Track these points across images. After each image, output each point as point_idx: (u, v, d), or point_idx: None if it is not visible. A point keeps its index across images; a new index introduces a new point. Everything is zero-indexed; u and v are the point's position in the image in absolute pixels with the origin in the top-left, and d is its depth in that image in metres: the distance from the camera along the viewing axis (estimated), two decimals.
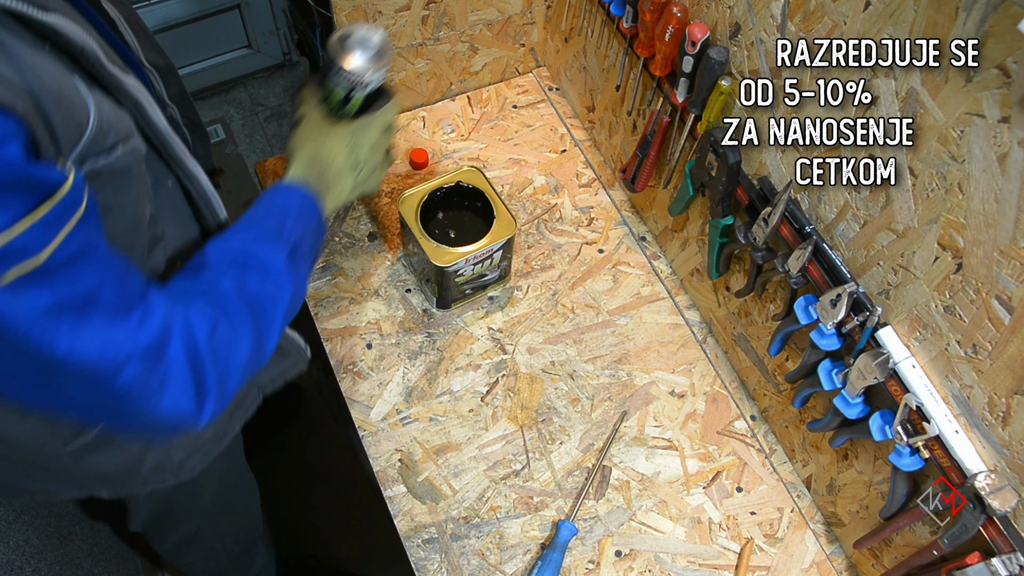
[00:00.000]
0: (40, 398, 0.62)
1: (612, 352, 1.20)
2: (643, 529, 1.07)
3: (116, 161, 0.63)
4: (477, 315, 1.21)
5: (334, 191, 0.95)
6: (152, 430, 0.68)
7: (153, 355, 0.63)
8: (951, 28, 0.65)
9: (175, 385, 0.65)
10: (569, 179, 1.35)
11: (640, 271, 1.27)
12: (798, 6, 0.81)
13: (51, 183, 0.53)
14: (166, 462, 0.96)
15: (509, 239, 1.13)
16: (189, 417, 0.68)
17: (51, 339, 0.56)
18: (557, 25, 1.37)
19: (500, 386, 1.16)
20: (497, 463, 1.10)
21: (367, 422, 1.12)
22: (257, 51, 1.97)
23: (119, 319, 0.61)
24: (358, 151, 0.96)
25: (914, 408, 0.81)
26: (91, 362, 0.59)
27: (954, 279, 0.74)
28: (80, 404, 0.63)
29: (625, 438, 1.13)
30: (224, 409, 0.73)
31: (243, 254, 0.78)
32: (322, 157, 0.94)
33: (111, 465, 0.90)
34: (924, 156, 0.73)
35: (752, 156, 0.97)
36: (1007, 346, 0.71)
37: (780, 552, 1.07)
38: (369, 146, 0.97)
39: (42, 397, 0.62)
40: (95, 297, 0.58)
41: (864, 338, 0.85)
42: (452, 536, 1.05)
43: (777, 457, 1.14)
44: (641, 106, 1.18)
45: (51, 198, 0.53)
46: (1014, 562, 0.76)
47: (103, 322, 0.59)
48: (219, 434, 1.02)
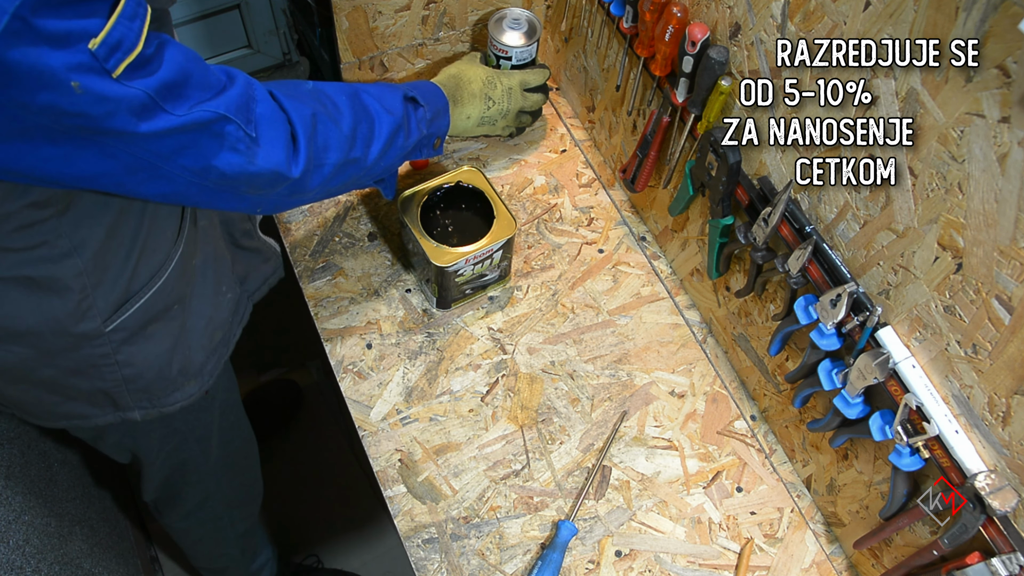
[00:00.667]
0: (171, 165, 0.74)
1: (612, 352, 1.20)
2: (643, 529, 1.07)
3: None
4: (477, 315, 1.21)
5: (460, 109, 1.12)
6: (257, 182, 0.81)
7: (244, 112, 0.76)
8: (951, 28, 0.65)
9: (268, 135, 0.79)
10: (569, 179, 1.35)
11: (640, 271, 1.27)
12: (798, 6, 0.81)
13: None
14: (189, 364, 1.03)
15: (509, 239, 1.13)
16: (283, 163, 0.81)
17: (161, 113, 0.69)
18: (557, 25, 1.37)
19: (500, 386, 1.16)
20: (497, 463, 1.10)
21: (367, 422, 1.12)
22: (257, 51, 1.96)
23: (208, 90, 0.73)
24: (493, 88, 1.16)
25: (914, 408, 0.81)
26: (196, 122, 0.72)
27: (954, 279, 0.74)
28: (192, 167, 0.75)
29: (625, 438, 1.13)
30: (325, 180, 0.88)
31: (356, 88, 0.96)
32: (462, 76, 1.14)
33: (144, 360, 0.97)
34: (924, 156, 0.73)
35: (752, 156, 0.97)
36: (1007, 346, 0.71)
37: (780, 552, 1.07)
38: (505, 89, 1.18)
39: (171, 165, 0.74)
40: (187, 77, 0.70)
41: (864, 338, 0.85)
42: (452, 536, 1.05)
43: (777, 457, 1.14)
44: (641, 106, 1.18)
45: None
46: (1014, 562, 0.76)
47: (198, 93, 0.72)
48: (225, 337, 1.09)
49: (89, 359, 0.92)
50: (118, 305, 0.89)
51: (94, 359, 0.92)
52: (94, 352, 0.91)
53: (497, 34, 1.23)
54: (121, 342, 0.92)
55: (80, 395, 0.97)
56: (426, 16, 1.27)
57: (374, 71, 1.31)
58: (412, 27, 1.28)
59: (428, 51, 1.33)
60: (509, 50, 1.23)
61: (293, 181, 0.83)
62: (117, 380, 0.96)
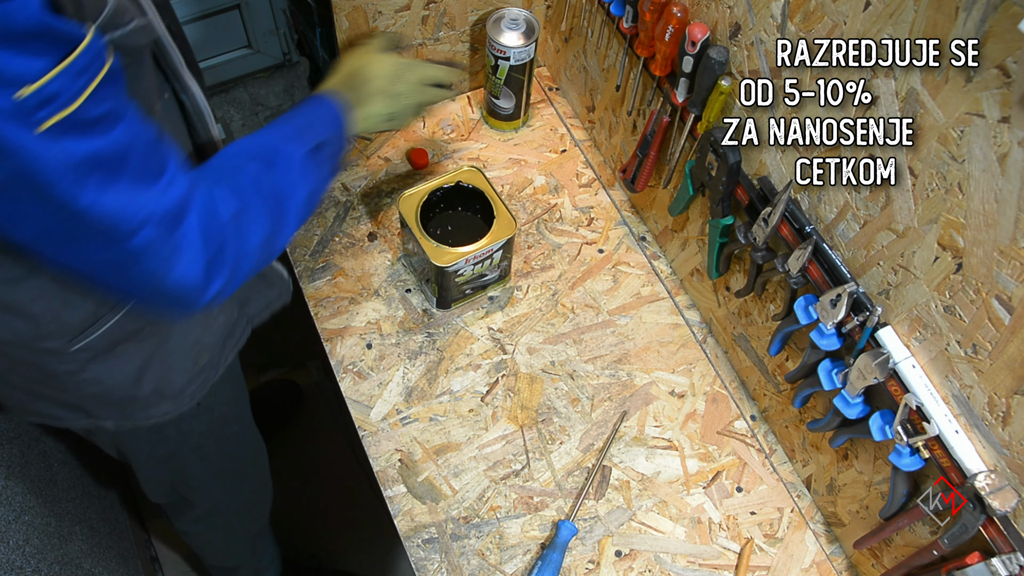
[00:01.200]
0: (59, 251, 0.66)
1: (612, 352, 1.20)
2: (643, 529, 1.07)
3: (131, 35, 0.67)
4: (477, 315, 1.21)
5: (365, 108, 0.99)
6: (160, 298, 0.71)
7: (171, 222, 0.67)
8: (951, 28, 0.65)
9: (187, 255, 0.69)
10: (569, 179, 1.35)
11: (640, 271, 1.27)
12: (798, 6, 0.81)
13: (74, 36, 0.57)
14: (165, 386, 0.99)
15: (509, 239, 1.13)
16: (196, 289, 0.71)
17: (78, 191, 0.60)
18: (557, 25, 1.37)
19: (500, 386, 1.16)
20: (497, 463, 1.10)
21: (367, 422, 1.12)
22: (257, 51, 1.96)
23: (145, 183, 0.64)
24: (400, 82, 1.02)
25: (914, 408, 0.81)
26: (111, 218, 0.62)
27: (954, 279, 0.74)
28: (95, 261, 0.67)
29: (625, 438, 1.13)
30: (232, 293, 0.77)
31: (265, 148, 0.83)
32: (364, 73, 1.00)
33: (112, 379, 0.93)
34: (924, 156, 0.73)
35: (752, 156, 0.97)
36: (1007, 346, 0.71)
37: (780, 552, 1.07)
38: (414, 81, 1.03)
39: (61, 250, 0.66)
40: (125, 158, 0.62)
41: (864, 338, 0.85)
42: (452, 536, 1.05)
43: (777, 457, 1.14)
44: (641, 106, 1.18)
45: (76, 50, 0.57)
46: (1014, 562, 0.76)
47: (129, 183, 0.63)
48: (213, 360, 1.05)
49: (54, 374, 0.89)
50: (84, 327, 0.85)
51: (59, 374, 0.89)
52: (59, 368, 0.88)
53: (495, 34, 1.23)
54: (88, 360, 0.89)
55: (51, 399, 0.95)
56: (426, 16, 1.27)
57: None
58: (412, 27, 1.28)
59: (428, 51, 1.33)
60: (507, 50, 1.23)
61: (205, 299, 0.74)
62: (84, 395, 0.94)
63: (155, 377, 0.97)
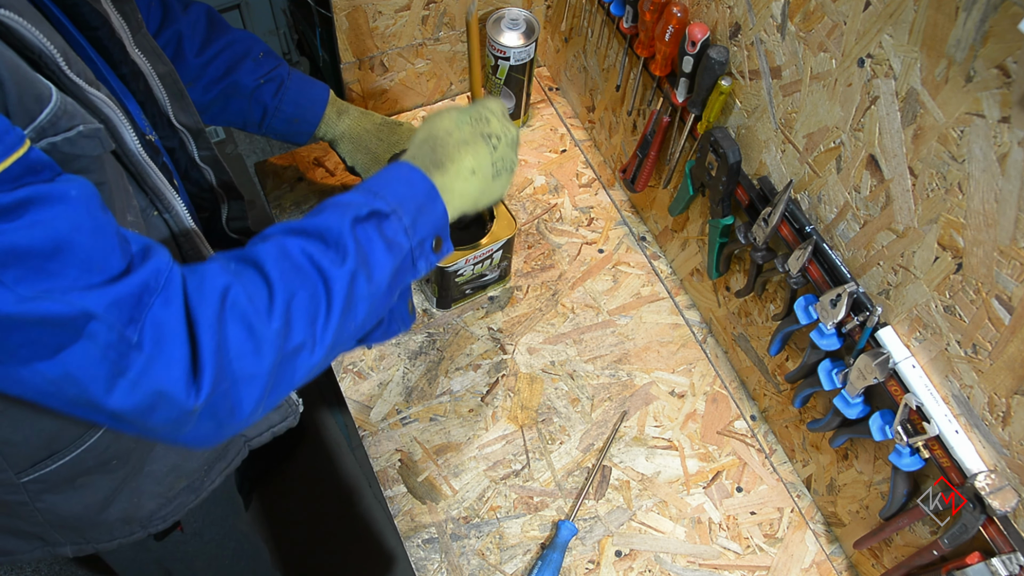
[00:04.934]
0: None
1: (612, 352, 1.20)
2: (643, 529, 1.07)
3: (77, 141, 0.59)
4: (477, 315, 1.21)
5: (455, 169, 0.74)
6: (135, 413, 0.57)
7: (128, 310, 0.55)
8: (951, 28, 0.65)
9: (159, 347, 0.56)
10: (569, 179, 1.35)
11: (640, 271, 1.27)
12: (798, 6, 0.81)
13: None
14: (134, 512, 0.89)
15: (509, 239, 1.13)
16: (177, 385, 0.57)
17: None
18: (557, 25, 1.37)
19: (500, 386, 1.16)
20: (497, 463, 1.10)
21: (367, 422, 1.12)
22: None
23: (92, 273, 0.54)
24: (485, 124, 0.77)
25: (914, 408, 0.81)
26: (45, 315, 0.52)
27: (954, 279, 0.74)
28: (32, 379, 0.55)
29: (625, 438, 1.13)
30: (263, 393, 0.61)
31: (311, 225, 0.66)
32: (435, 131, 0.76)
33: (72, 510, 0.83)
34: (924, 156, 0.73)
35: (752, 156, 0.97)
36: (1007, 346, 0.71)
37: (780, 552, 1.07)
38: (499, 117, 0.79)
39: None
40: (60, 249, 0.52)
41: (864, 338, 0.85)
42: (452, 536, 1.05)
43: (777, 457, 1.14)
44: (641, 106, 1.18)
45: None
46: (1014, 562, 0.76)
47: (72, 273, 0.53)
48: (194, 484, 0.94)
49: (3, 503, 0.81)
50: (34, 461, 0.76)
51: (10, 504, 0.81)
52: (8, 499, 0.80)
53: (495, 34, 1.23)
54: (41, 491, 0.80)
55: (2, 529, 0.86)
56: (426, 16, 1.27)
57: (374, 71, 1.31)
58: (412, 27, 1.28)
59: (428, 51, 1.33)
60: (507, 50, 1.23)
61: (193, 412, 0.58)
62: (39, 523, 0.84)
63: (124, 505, 0.87)
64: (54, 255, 0.52)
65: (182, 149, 0.88)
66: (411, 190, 0.70)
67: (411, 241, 0.69)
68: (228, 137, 2.31)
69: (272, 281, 0.61)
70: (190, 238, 0.80)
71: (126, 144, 0.70)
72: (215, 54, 1.00)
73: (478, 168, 0.76)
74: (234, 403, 0.60)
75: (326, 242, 0.64)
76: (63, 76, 0.62)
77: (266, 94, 1.03)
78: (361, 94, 1.34)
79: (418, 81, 1.37)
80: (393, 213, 0.68)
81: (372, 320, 0.70)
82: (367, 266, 0.66)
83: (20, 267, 0.51)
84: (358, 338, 0.72)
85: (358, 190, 0.69)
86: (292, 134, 1.07)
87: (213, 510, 1.09)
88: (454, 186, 0.74)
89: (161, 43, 0.95)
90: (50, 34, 0.60)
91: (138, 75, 0.79)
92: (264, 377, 0.61)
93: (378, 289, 0.67)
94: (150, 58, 0.80)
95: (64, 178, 0.54)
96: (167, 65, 0.83)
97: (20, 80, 0.54)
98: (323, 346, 0.64)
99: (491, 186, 0.78)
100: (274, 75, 1.03)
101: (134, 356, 0.55)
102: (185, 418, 0.59)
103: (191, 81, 1.00)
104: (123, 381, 0.56)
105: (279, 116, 1.04)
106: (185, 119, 0.86)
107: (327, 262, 0.63)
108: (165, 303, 0.57)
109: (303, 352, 0.63)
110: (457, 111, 0.78)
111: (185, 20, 0.99)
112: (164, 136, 0.86)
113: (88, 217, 0.54)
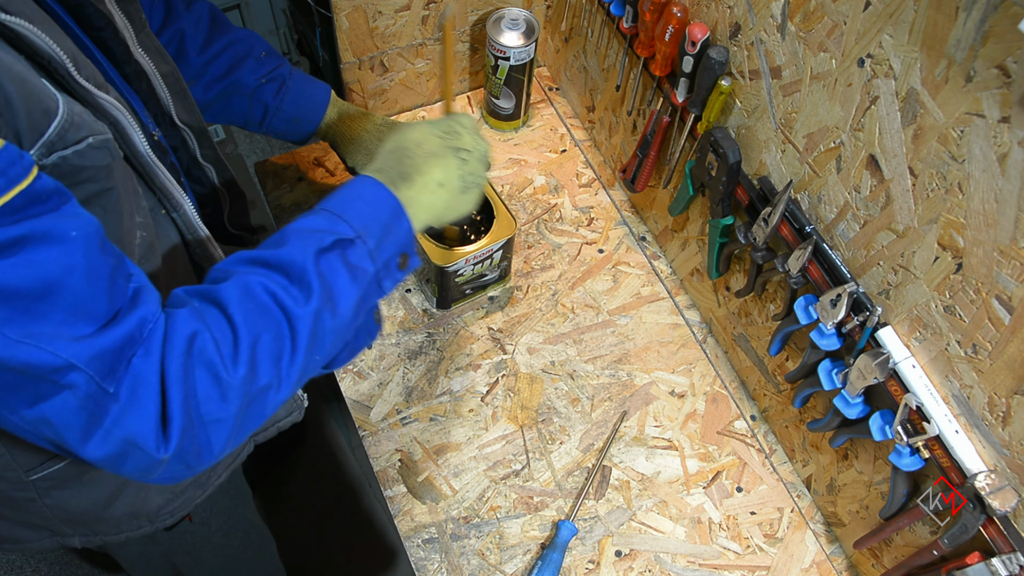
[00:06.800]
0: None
1: (612, 352, 1.20)
2: (643, 529, 1.07)
3: (87, 153, 0.59)
4: (477, 315, 1.21)
5: (422, 181, 0.72)
6: (101, 460, 0.58)
7: (109, 362, 0.55)
8: (951, 28, 0.65)
9: (134, 398, 0.57)
10: (569, 179, 1.35)
11: (640, 271, 1.27)
12: (798, 6, 0.81)
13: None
14: (140, 507, 0.90)
15: (509, 239, 1.13)
16: (147, 437, 0.57)
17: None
18: (557, 25, 1.37)
19: (500, 386, 1.16)
20: (497, 463, 1.10)
21: (367, 422, 1.12)
22: None
23: (79, 321, 0.54)
24: (456, 138, 0.76)
25: (914, 408, 0.81)
26: (27, 362, 0.52)
27: (954, 279, 0.74)
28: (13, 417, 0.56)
29: (625, 438, 1.13)
30: (229, 435, 0.62)
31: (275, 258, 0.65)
32: (403, 142, 0.75)
33: (79, 505, 0.85)
34: (924, 156, 0.73)
35: (752, 156, 0.97)
36: (1007, 346, 0.71)
37: (780, 552, 1.07)
38: (470, 131, 0.77)
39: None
40: (48, 293, 0.52)
41: (864, 338, 0.85)
42: (452, 536, 1.05)
43: (777, 457, 1.14)
44: (641, 106, 1.18)
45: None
46: (1014, 562, 0.76)
47: (57, 319, 0.53)
48: (200, 480, 0.96)
49: (12, 499, 0.82)
50: (42, 460, 0.78)
51: (18, 500, 0.82)
52: (16, 495, 0.81)
53: (495, 34, 1.23)
54: (49, 488, 0.81)
55: (10, 519, 0.87)
56: (426, 16, 1.27)
57: (374, 71, 1.31)
58: (412, 27, 1.28)
59: (428, 51, 1.33)
60: (507, 50, 1.23)
61: (163, 461, 0.59)
62: (47, 517, 0.86)
63: (131, 500, 0.89)
64: (43, 297, 0.52)
65: (184, 148, 0.88)
66: (376, 210, 0.69)
67: (376, 264, 0.68)
68: (228, 137, 2.31)
69: (236, 325, 0.61)
70: (195, 232, 0.81)
71: (135, 146, 0.70)
72: (217, 53, 1.00)
73: (446, 181, 0.74)
74: (202, 446, 0.61)
75: (289, 277, 0.64)
76: (72, 81, 0.62)
77: (267, 93, 1.03)
78: (361, 94, 1.34)
79: (418, 81, 1.37)
80: (358, 238, 0.67)
81: (339, 346, 0.70)
82: (331, 301, 0.65)
83: (7, 308, 0.50)
84: (324, 364, 0.72)
85: (321, 212, 0.68)
86: (292, 134, 1.07)
87: (221, 500, 1.08)
88: (420, 199, 0.73)
89: (163, 41, 0.95)
90: (59, 38, 0.61)
91: (141, 75, 0.80)
92: (231, 420, 0.61)
93: (343, 320, 0.67)
94: (153, 57, 0.81)
95: (69, 210, 0.54)
96: (170, 64, 0.84)
97: (28, 95, 0.54)
98: (289, 383, 0.64)
99: (459, 200, 0.76)
100: (276, 75, 1.03)
101: (110, 406, 0.56)
102: (155, 465, 0.59)
103: (193, 79, 1.00)
104: (99, 430, 0.56)
105: (280, 116, 1.05)
106: (187, 118, 0.87)
107: (290, 301, 0.63)
108: (145, 355, 0.57)
109: (270, 391, 0.63)
110: (428, 123, 0.77)
111: (188, 18, 0.99)
112: (167, 135, 0.86)
113: (84, 260, 0.54)
